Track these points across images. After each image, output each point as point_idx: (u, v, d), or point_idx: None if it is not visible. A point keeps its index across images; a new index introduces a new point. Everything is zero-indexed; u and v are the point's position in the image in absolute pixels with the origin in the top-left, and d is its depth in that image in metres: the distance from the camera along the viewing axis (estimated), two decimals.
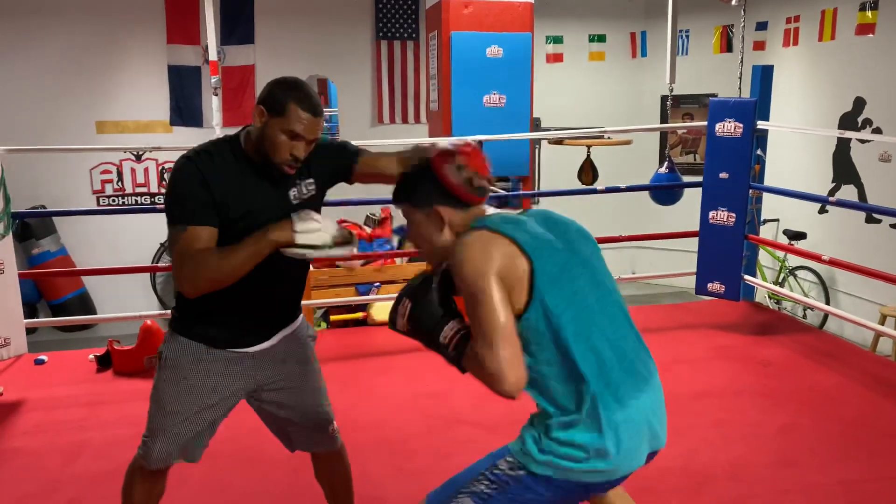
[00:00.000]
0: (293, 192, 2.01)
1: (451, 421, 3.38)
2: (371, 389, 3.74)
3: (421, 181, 1.73)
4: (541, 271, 1.59)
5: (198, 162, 1.90)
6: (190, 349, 2.03)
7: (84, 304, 6.91)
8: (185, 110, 6.92)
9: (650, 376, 1.70)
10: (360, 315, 4.93)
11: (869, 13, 5.96)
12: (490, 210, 1.78)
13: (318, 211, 2.07)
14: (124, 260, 6.36)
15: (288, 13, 7.08)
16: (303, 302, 2.78)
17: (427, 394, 3.69)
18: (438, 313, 1.70)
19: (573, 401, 1.60)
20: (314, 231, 1.84)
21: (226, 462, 2.94)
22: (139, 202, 6.97)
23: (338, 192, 2.47)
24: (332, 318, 4.94)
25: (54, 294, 6.87)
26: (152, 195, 6.96)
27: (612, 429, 1.58)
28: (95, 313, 6.87)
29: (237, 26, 6.90)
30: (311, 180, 2.05)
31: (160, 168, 6.94)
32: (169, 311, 2.22)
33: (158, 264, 6.69)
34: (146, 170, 6.97)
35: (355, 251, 2.00)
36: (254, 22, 6.98)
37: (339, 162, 2.15)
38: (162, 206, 2.05)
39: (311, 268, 4.83)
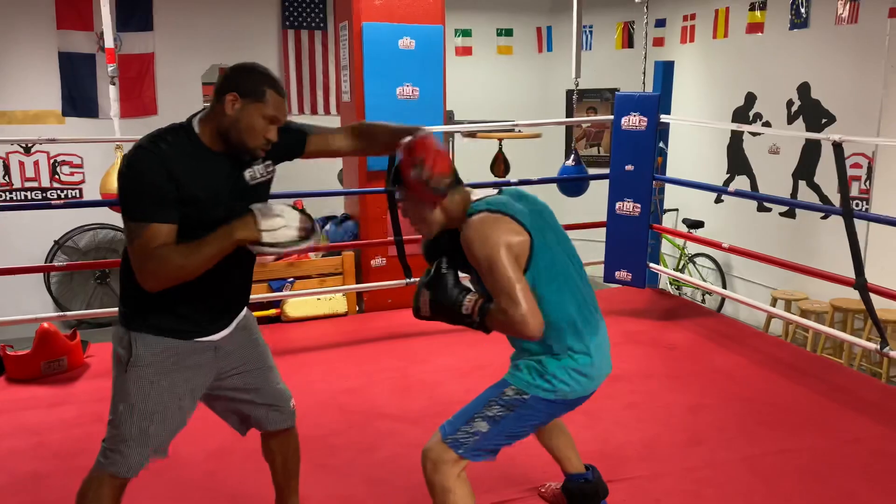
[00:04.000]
0: (248, 174, 2.02)
1: (371, 415, 3.36)
2: (288, 387, 3.66)
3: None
4: (537, 244, 1.99)
5: (157, 150, 1.87)
6: (159, 345, 1.98)
7: None
8: (79, 100, 6.54)
9: (601, 316, 2.18)
10: (273, 312, 4.82)
11: (758, 13, 6.31)
12: (475, 193, 2.09)
13: (269, 190, 2.12)
14: (14, 259, 5.95)
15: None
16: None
17: (345, 389, 3.66)
18: (455, 293, 2.01)
19: (564, 340, 2.03)
20: (279, 228, 1.89)
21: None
22: (29, 197, 6.55)
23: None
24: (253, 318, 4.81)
25: None
26: (43, 190, 6.54)
27: (593, 354, 2.07)
28: None
29: (134, 12, 6.57)
30: (270, 161, 2.09)
31: (52, 161, 6.54)
32: (67, 314, 2.13)
33: (53, 263, 6.31)
34: (36, 163, 6.54)
35: (320, 240, 2.01)
36: (152, 8, 6.66)
37: (291, 140, 2.19)
38: (56, 203, 1.98)
39: None
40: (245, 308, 2.20)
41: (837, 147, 3.47)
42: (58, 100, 6.52)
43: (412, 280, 4.54)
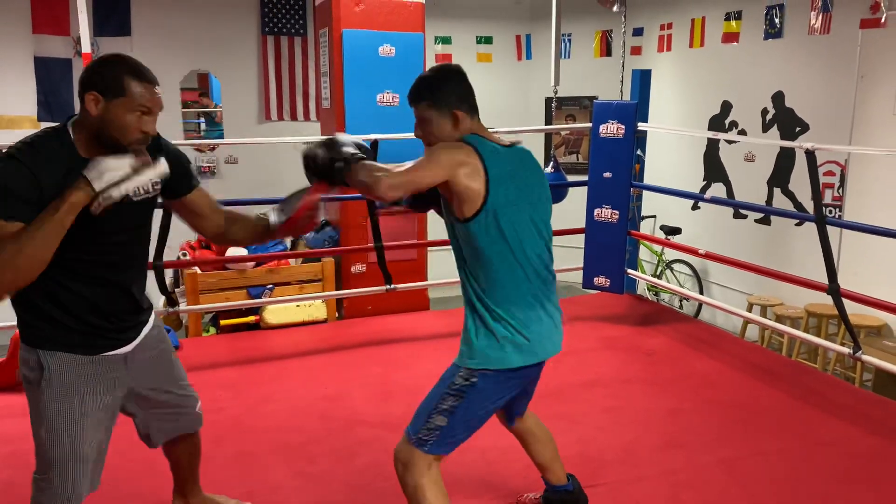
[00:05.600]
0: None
1: (351, 422, 3.35)
2: (267, 395, 3.65)
3: (444, 86, 2.13)
4: (492, 193, 2.01)
5: (23, 157, 1.74)
6: (69, 362, 1.89)
7: None
8: (55, 105, 6.47)
9: (555, 297, 2.22)
10: (252, 319, 4.79)
11: (733, 23, 6.41)
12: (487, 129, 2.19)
13: (151, 214, 2.04)
14: None
15: (167, 4, 6.76)
16: (190, 307, 2.71)
17: (325, 397, 3.65)
18: (334, 149, 2.08)
19: (504, 304, 2.06)
20: (109, 171, 1.73)
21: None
22: None
23: (227, 190, 2.43)
24: (223, 322, 4.78)
25: None
26: None
27: (531, 326, 2.09)
28: None
29: (112, 17, 6.52)
30: (158, 181, 1.94)
31: None
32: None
33: None
34: None
35: (164, 167, 1.86)
36: (130, 12, 6.62)
37: (179, 180, 2.06)
38: None
39: (199, 270, 4.66)
40: (152, 315, 2.14)
41: (810, 155, 3.54)
42: (33, 105, 6.45)
43: (392, 287, 4.54)
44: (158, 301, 4.31)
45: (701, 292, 6.70)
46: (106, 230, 1.87)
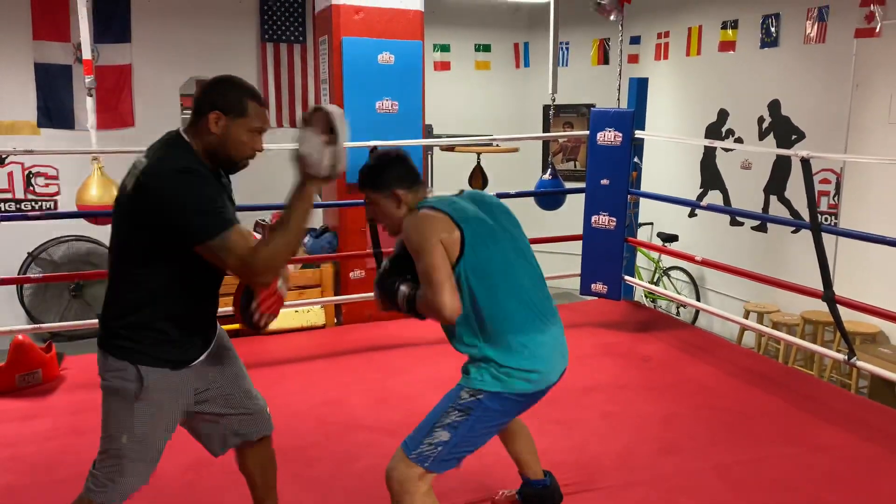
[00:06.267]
0: (228, 192, 2.08)
1: (349, 427, 3.37)
2: (266, 400, 3.65)
3: (382, 172, 2.24)
4: (469, 241, 2.11)
5: (197, 170, 1.89)
6: (163, 377, 1.98)
7: None
8: (55, 111, 6.48)
9: (555, 315, 2.29)
10: None
11: (730, 31, 6.46)
12: (430, 193, 2.30)
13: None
14: None
15: (167, 11, 6.79)
16: None
17: (324, 401, 3.66)
18: (392, 288, 2.20)
19: (502, 335, 2.12)
20: (317, 153, 1.85)
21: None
22: (3, 209, 6.48)
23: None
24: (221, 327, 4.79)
25: None
26: (18, 201, 6.47)
27: (535, 352, 2.15)
28: None
29: (112, 23, 6.55)
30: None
31: (27, 172, 6.48)
32: (43, 326, 2.11)
33: (28, 275, 6.24)
34: (10, 174, 6.47)
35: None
36: (130, 19, 6.64)
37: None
38: (33, 214, 1.97)
39: None
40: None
41: (805, 163, 3.57)
42: (33, 111, 6.46)
43: None
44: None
45: (698, 299, 6.72)
46: None
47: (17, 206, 6.48)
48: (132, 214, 1.90)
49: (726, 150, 6.54)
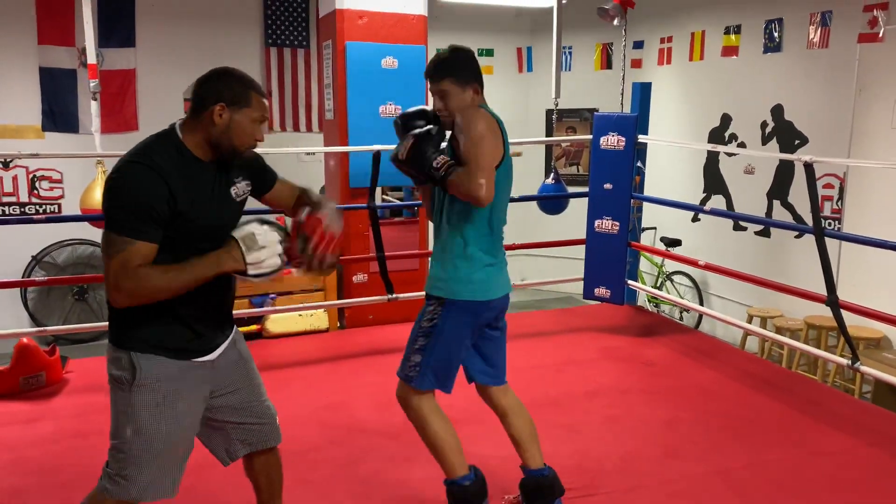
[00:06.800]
0: (234, 191, 2.07)
1: (352, 431, 3.37)
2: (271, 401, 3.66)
3: (468, 65, 2.46)
4: (505, 163, 2.41)
5: (154, 165, 1.86)
6: (161, 365, 1.95)
7: None
8: (59, 115, 6.51)
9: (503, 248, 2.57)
10: (254, 327, 4.82)
11: (733, 36, 6.46)
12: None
13: (242, 210, 2.14)
14: None
15: (172, 16, 6.82)
16: None
17: (327, 405, 3.67)
18: (434, 148, 2.37)
19: (483, 249, 2.41)
20: (263, 260, 1.93)
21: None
22: (7, 212, 6.50)
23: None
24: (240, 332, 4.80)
25: None
26: (22, 205, 6.50)
27: (500, 268, 2.46)
28: None
29: (117, 28, 6.58)
30: (247, 182, 2.14)
31: (31, 176, 6.50)
32: (47, 329, 2.10)
33: (32, 278, 6.25)
34: (14, 178, 6.50)
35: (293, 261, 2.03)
36: (135, 24, 6.68)
37: (263, 177, 2.25)
38: (37, 217, 1.98)
39: None
40: (233, 323, 2.21)
41: (808, 168, 3.57)
42: (38, 115, 6.49)
43: (394, 296, 4.57)
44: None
45: (701, 304, 6.72)
46: (208, 235, 1.97)
47: (22, 209, 6.51)
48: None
49: (729, 154, 6.54)
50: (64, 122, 6.54)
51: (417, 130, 2.40)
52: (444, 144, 2.43)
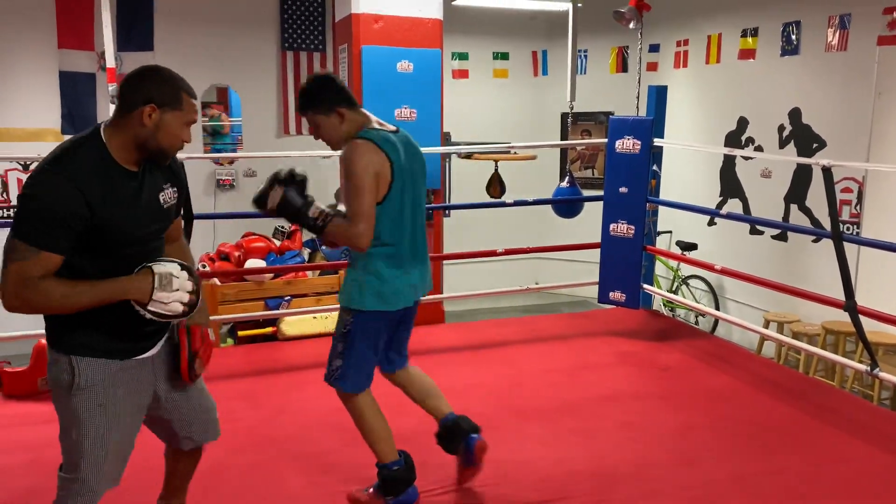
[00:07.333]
0: (162, 197, 2.03)
1: None
2: (284, 405, 3.68)
3: (322, 92, 2.49)
4: (395, 185, 2.46)
5: (67, 174, 1.79)
6: (100, 367, 1.94)
7: None
8: (78, 118, 6.58)
9: (426, 260, 2.72)
10: (269, 330, 4.84)
11: (750, 39, 6.42)
12: (372, 118, 2.56)
13: (168, 225, 2.10)
14: None
15: (189, 20, 6.88)
16: (210, 317, 2.80)
17: (340, 408, 3.61)
18: (305, 197, 2.43)
19: (387, 263, 2.52)
20: (169, 302, 1.92)
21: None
22: None
23: (245, 202, 2.71)
24: (240, 333, 4.83)
25: None
26: None
27: (398, 284, 2.56)
28: None
29: (135, 32, 6.64)
30: (174, 190, 2.10)
31: None
32: None
33: None
34: None
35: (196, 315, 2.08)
36: (153, 28, 6.74)
37: (181, 194, 2.17)
38: None
39: (217, 282, 4.72)
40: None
41: (827, 172, 3.54)
42: (57, 118, 6.56)
43: None
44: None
45: (717, 308, 6.68)
46: (132, 242, 1.94)
47: None
48: None
49: (746, 158, 6.49)
50: (83, 125, 6.60)
51: (282, 175, 2.43)
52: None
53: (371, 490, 2.72)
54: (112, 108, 4.74)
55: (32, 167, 6.53)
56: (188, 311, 1.97)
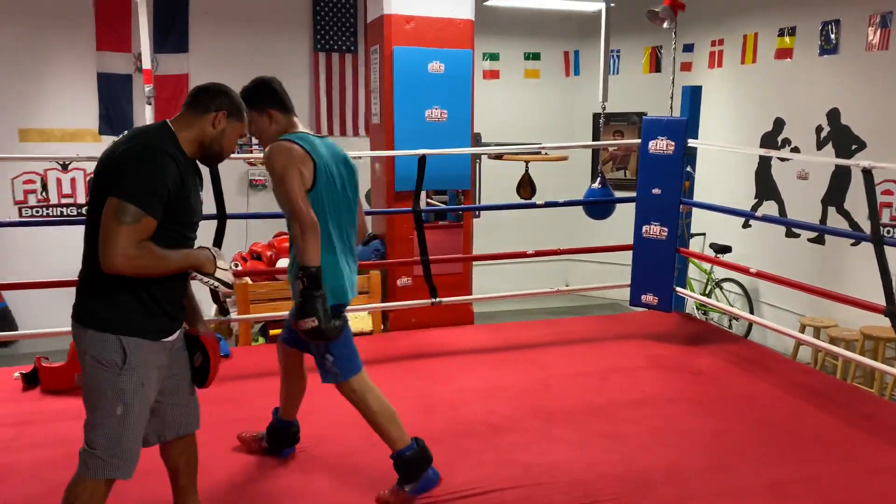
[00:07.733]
0: (201, 196, 2.31)
1: None
2: (312, 404, 3.68)
3: (258, 92, 2.65)
4: (320, 176, 2.56)
5: (175, 157, 2.07)
6: (145, 348, 2.10)
7: (4, 319, 6.59)
8: (115, 119, 6.72)
9: (355, 257, 2.81)
10: None
11: (787, 39, 6.31)
12: (300, 126, 2.71)
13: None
14: (48, 274, 6.08)
15: (223, 22, 6.98)
16: (241, 316, 2.94)
17: None
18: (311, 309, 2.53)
19: (333, 259, 2.63)
20: (226, 271, 2.24)
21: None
22: (65, 213, 6.72)
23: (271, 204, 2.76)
24: (271, 332, 4.87)
25: None
26: (79, 206, 6.71)
27: (345, 275, 2.69)
28: (16, 329, 6.55)
29: (171, 34, 6.76)
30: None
31: (88, 178, 6.71)
32: None
33: None
34: (73, 180, 6.72)
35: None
36: (188, 30, 6.85)
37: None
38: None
39: (250, 281, 4.77)
40: None
41: (867, 173, 3.45)
42: (95, 119, 6.70)
43: (437, 300, 4.57)
44: (210, 310, 4.41)
45: (751, 312, 6.56)
46: (193, 227, 2.23)
47: (79, 210, 6.72)
48: (102, 184, 2.04)
49: (782, 159, 6.38)
50: (120, 125, 6.74)
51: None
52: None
53: (395, 487, 2.75)
54: (148, 108, 4.86)
55: (70, 167, 6.70)
56: (230, 287, 2.27)
